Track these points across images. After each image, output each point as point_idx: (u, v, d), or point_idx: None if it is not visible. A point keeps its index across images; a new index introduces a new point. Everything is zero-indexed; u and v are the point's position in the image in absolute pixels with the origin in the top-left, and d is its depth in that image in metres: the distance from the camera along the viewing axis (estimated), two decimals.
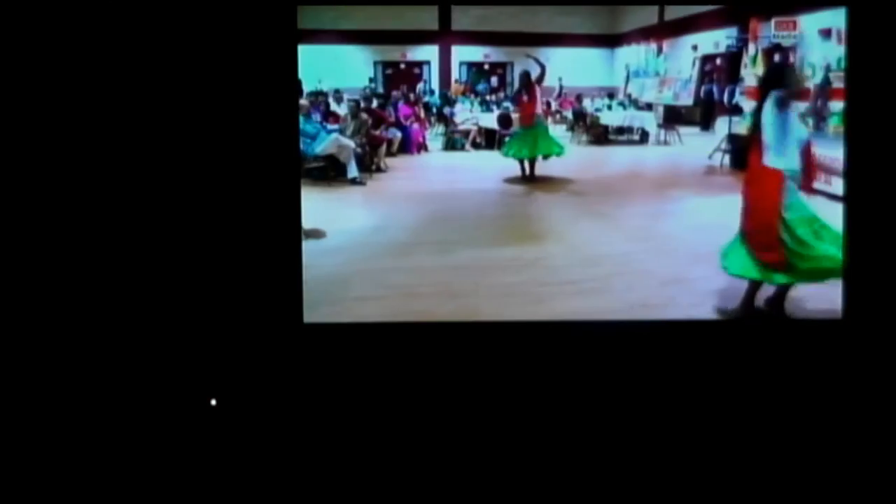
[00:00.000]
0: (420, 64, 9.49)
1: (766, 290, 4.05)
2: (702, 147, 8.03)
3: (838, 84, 5.44)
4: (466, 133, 8.67)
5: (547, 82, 7.96)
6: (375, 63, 9.26)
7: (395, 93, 8.48)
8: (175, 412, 3.66)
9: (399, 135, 7.99)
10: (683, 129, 8.97)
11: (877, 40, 3.71)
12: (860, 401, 3.68)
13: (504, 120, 8.52)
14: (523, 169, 7.54)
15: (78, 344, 3.69)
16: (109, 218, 3.75)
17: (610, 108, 9.20)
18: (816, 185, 4.55)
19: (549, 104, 8.83)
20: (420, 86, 9.26)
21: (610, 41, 10.08)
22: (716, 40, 8.75)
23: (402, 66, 9.34)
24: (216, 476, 3.54)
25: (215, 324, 3.73)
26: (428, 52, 9.47)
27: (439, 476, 3.58)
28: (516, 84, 8.25)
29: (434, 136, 8.86)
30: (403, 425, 3.72)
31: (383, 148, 7.64)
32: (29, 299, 3.68)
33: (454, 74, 9.50)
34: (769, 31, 7.42)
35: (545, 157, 7.46)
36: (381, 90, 8.80)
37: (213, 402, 3.68)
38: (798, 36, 7.17)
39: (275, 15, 3.68)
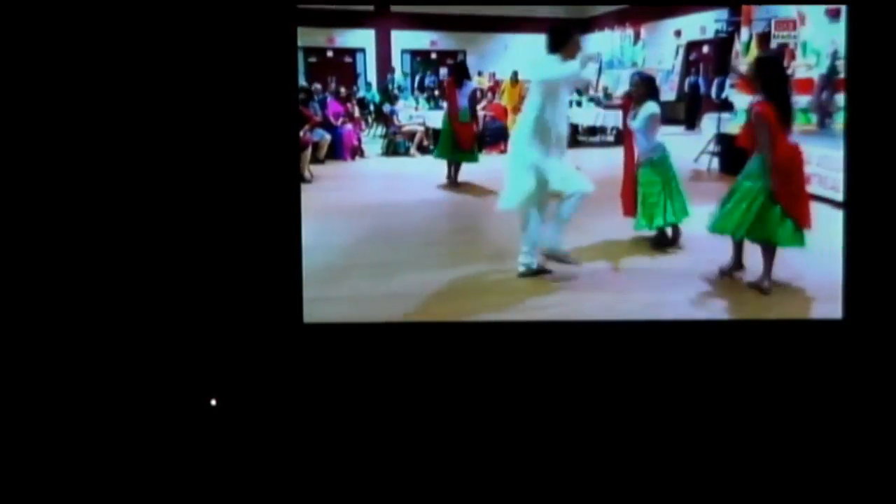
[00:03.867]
0: (352, 52, 9.20)
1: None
2: (686, 149, 7.72)
3: None
4: (411, 135, 8.31)
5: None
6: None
7: (317, 85, 8.19)
8: (175, 412, 3.84)
9: (328, 137, 7.53)
10: (665, 129, 8.44)
11: (877, 39, 3.85)
12: (860, 401, 3.82)
13: None
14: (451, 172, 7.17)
15: (78, 344, 3.91)
16: (107, 217, 3.95)
17: (580, 104, 8.92)
18: (820, 191, 5.02)
19: None
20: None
21: (578, 26, 9.66)
22: (702, 24, 8.52)
23: (330, 53, 8.98)
24: (216, 476, 3.69)
25: (215, 324, 3.94)
26: (362, 38, 9.22)
27: (439, 476, 3.73)
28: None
29: (372, 138, 8.62)
30: (403, 425, 3.89)
31: (307, 153, 7.12)
32: (30, 300, 3.90)
33: (395, 64, 9.20)
34: (764, 12, 7.31)
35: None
36: (303, 83, 8.53)
37: (213, 402, 3.88)
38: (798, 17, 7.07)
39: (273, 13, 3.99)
